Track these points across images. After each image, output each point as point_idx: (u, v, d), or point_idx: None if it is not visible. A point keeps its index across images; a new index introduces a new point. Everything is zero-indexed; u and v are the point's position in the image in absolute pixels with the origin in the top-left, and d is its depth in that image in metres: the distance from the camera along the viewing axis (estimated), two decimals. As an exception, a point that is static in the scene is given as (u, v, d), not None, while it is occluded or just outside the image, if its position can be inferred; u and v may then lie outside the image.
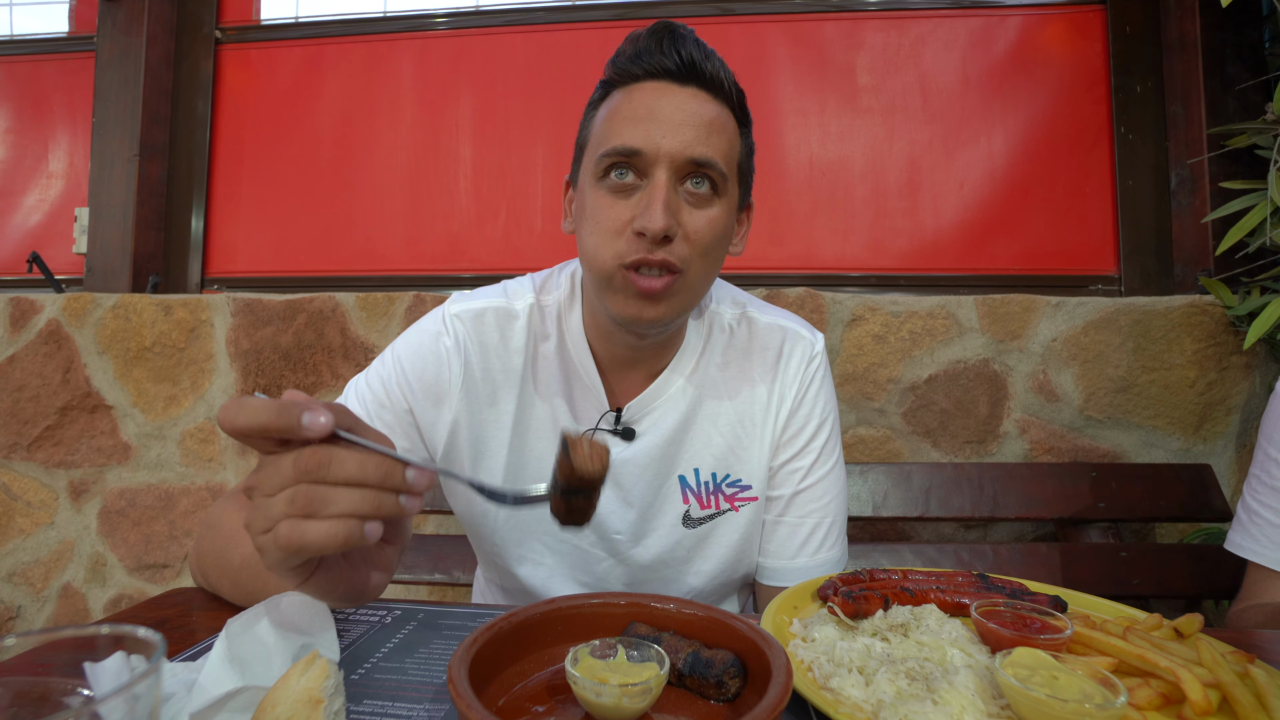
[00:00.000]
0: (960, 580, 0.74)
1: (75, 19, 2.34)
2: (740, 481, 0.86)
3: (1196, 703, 0.51)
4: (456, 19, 2.14)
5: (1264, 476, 0.97)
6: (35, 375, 1.89)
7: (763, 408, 0.86)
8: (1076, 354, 1.59)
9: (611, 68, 0.76)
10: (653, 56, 0.73)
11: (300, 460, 0.46)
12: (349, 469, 0.46)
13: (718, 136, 0.73)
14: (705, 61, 0.73)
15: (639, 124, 0.71)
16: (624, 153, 0.71)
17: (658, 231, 0.69)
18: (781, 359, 0.87)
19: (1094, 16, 1.89)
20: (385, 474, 0.47)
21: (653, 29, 0.75)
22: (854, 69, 1.96)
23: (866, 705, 0.52)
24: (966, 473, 1.46)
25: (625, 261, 0.72)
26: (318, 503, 0.45)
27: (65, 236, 2.23)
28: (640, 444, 0.84)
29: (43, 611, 1.89)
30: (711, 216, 0.74)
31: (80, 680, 0.36)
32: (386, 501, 0.47)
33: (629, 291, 0.73)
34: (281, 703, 0.45)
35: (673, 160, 0.71)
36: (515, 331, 0.85)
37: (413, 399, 0.83)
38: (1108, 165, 1.86)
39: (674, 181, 0.72)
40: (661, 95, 0.72)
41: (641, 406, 0.84)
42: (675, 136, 0.71)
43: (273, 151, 2.20)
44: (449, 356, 0.83)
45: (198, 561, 0.76)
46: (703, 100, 0.73)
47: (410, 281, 2.08)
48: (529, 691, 0.54)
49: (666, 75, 0.73)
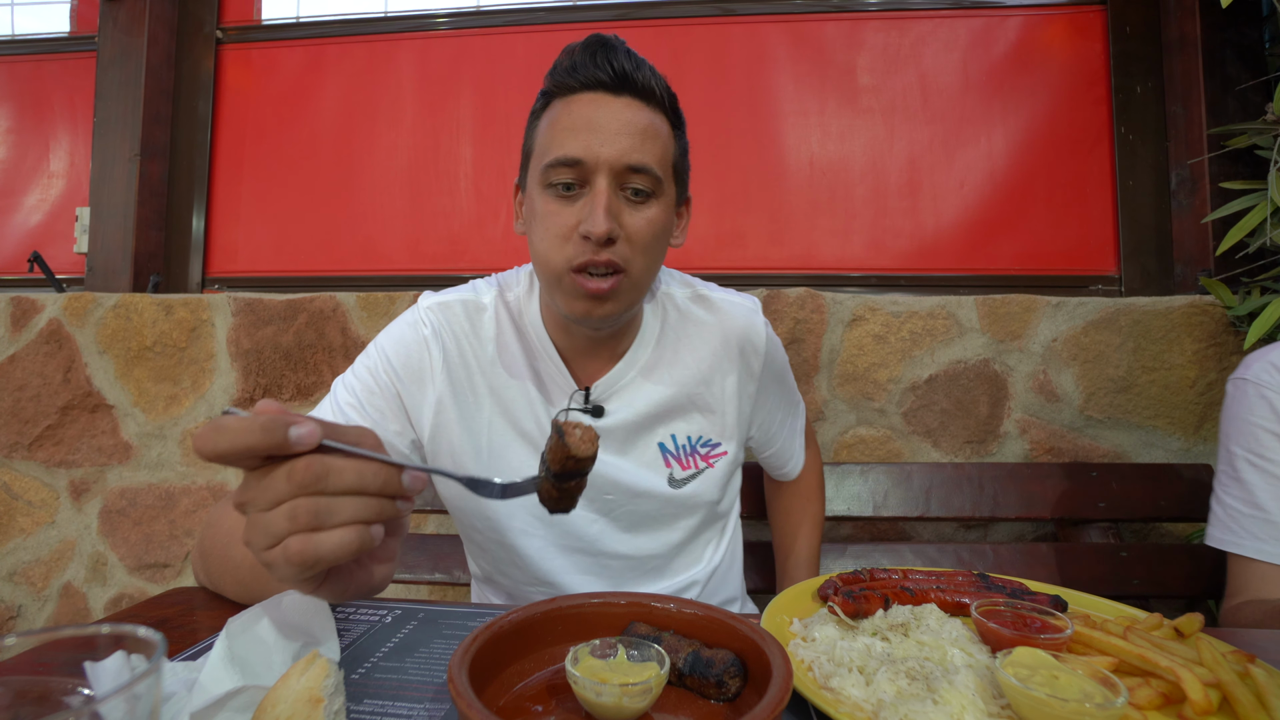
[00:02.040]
0: (960, 580, 0.74)
1: (76, 19, 2.34)
2: (712, 440, 0.96)
3: (1197, 702, 0.51)
4: (457, 19, 2.14)
5: (1228, 469, 1.01)
6: (36, 375, 1.89)
7: (723, 373, 0.95)
8: (1077, 354, 1.59)
9: (550, 80, 0.82)
10: (587, 69, 0.78)
11: (295, 474, 0.45)
12: (348, 479, 0.46)
13: (652, 142, 0.79)
14: (636, 72, 0.79)
15: (579, 134, 0.77)
16: (566, 162, 0.77)
17: (601, 235, 0.75)
18: (739, 330, 0.96)
19: (1094, 17, 1.89)
20: (384, 481, 0.48)
21: (586, 43, 0.80)
22: (854, 69, 1.96)
23: (867, 705, 0.52)
24: (966, 473, 1.46)
25: (573, 264, 0.78)
26: (322, 515, 0.45)
27: (66, 236, 2.23)
28: (613, 418, 0.91)
29: (43, 611, 1.89)
30: (650, 216, 0.81)
31: (80, 680, 0.36)
32: (387, 506, 0.48)
33: (578, 293, 0.79)
34: (281, 702, 0.45)
35: (611, 167, 0.77)
36: (484, 322, 0.92)
37: (400, 384, 0.88)
38: (1108, 165, 1.86)
39: (614, 186, 0.78)
40: (598, 106, 0.78)
41: (608, 386, 0.91)
42: (612, 145, 0.77)
43: (274, 151, 2.20)
44: (428, 343, 0.89)
45: (201, 561, 0.77)
46: (636, 109, 0.79)
47: (411, 281, 2.08)
48: (529, 691, 0.54)
49: (601, 86, 0.78)
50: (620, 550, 0.93)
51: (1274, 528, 0.94)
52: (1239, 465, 0.99)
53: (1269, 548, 0.94)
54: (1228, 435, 1.02)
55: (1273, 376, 0.99)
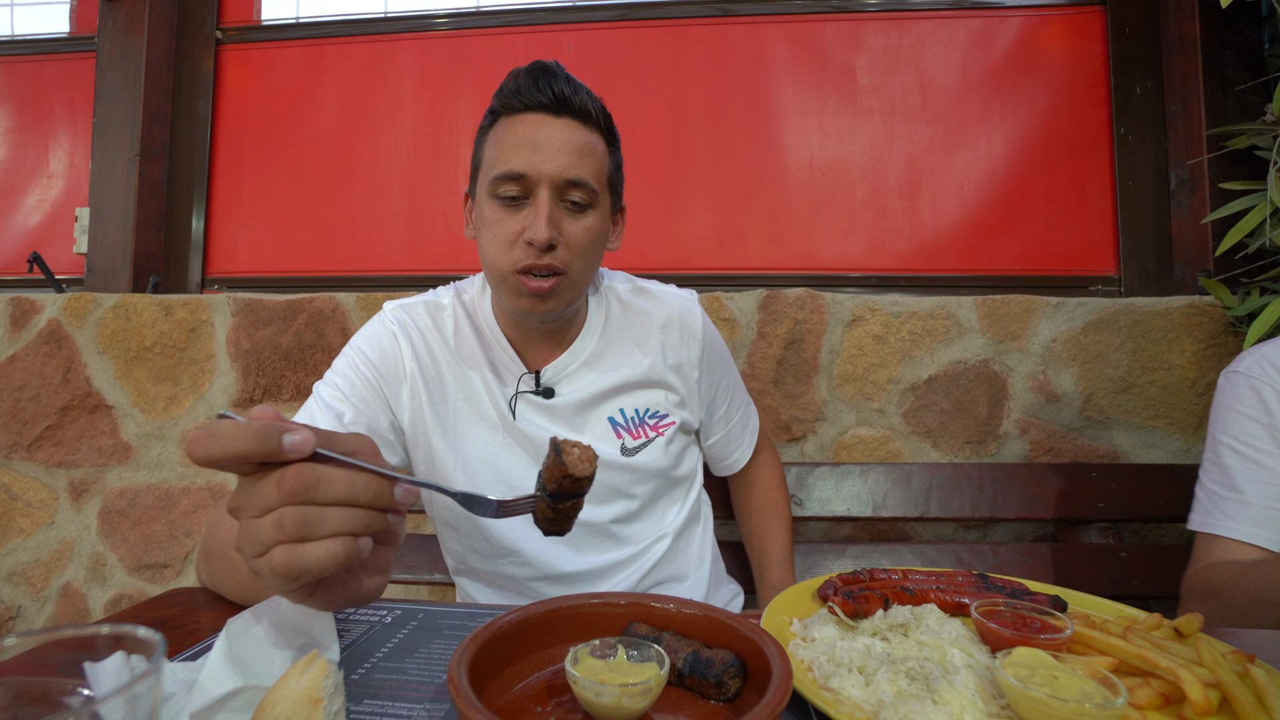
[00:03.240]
0: (960, 580, 0.74)
1: (76, 19, 2.34)
2: (659, 412, 1.05)
3: (1196, 703, 0.51)
4: (457, 19, 2.14)
5: (1212, 457, 1.05)
6: (35, 375, 1.89)
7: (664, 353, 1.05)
8: (1076, 354, 1.59)
9: (497, 100, 0.91)
10: (531, 93, 0.87)
11: (285, 482, 0.44)
12: (339, 490, 0.45)
13: (588, 159, 0.89)
14: (574, 96, 0.88)
15: (523, 151, 0.86)
16: (512, 176, 0.86)
17: (543, 242, 0.85)
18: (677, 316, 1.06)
19: (1094, 17, 1.89)
20: (375, 494, 0.47)
21: (530, 69, 0.89)
22: (854, 69, 1.96)
23: (866, 705, 0.52)
24: (966, 473, 1.46)
25: (518, 267, 0.87)
26: (309, 525, 0.44)
27: (66, 236, 2.23)
28: (563, 399, 0.99)
29: (43, 611, 1.89)
30: (587, 225, 0.91)
31: (80, 680, 0.36)
32: (376, 519, 0.48)
33: (522, 291, 0.89)
34: (281, 702, 0.45)
35: (552, 181, 0.86)
36: (445, 319, 1.01)
37: (379, 376, 0.96)
38: (1107, 166, 1.86)
39: (555, 198, 0.87)
40: (540, 126, 0.87)
41: (558, 371, 1.00)
42: (553, 161, 0.86)
43: (273, 152, 2.20)
44: (397, 337, 0.98)
45: (204, 562, 0.79)
46: (575, 129, 0.88)
47: (410, 282, 2.08)
48: (529, 691, 0.54)
49: (543, 109, 0.87)
50: (584, 518, 0.98)
51: (1248, 509, 0.98)
52: (1221, 451, 1.02)
53: (1240, 526, 0.97)
54: (1215, 425, 1.06)
55: (1264, 370, 1.02)
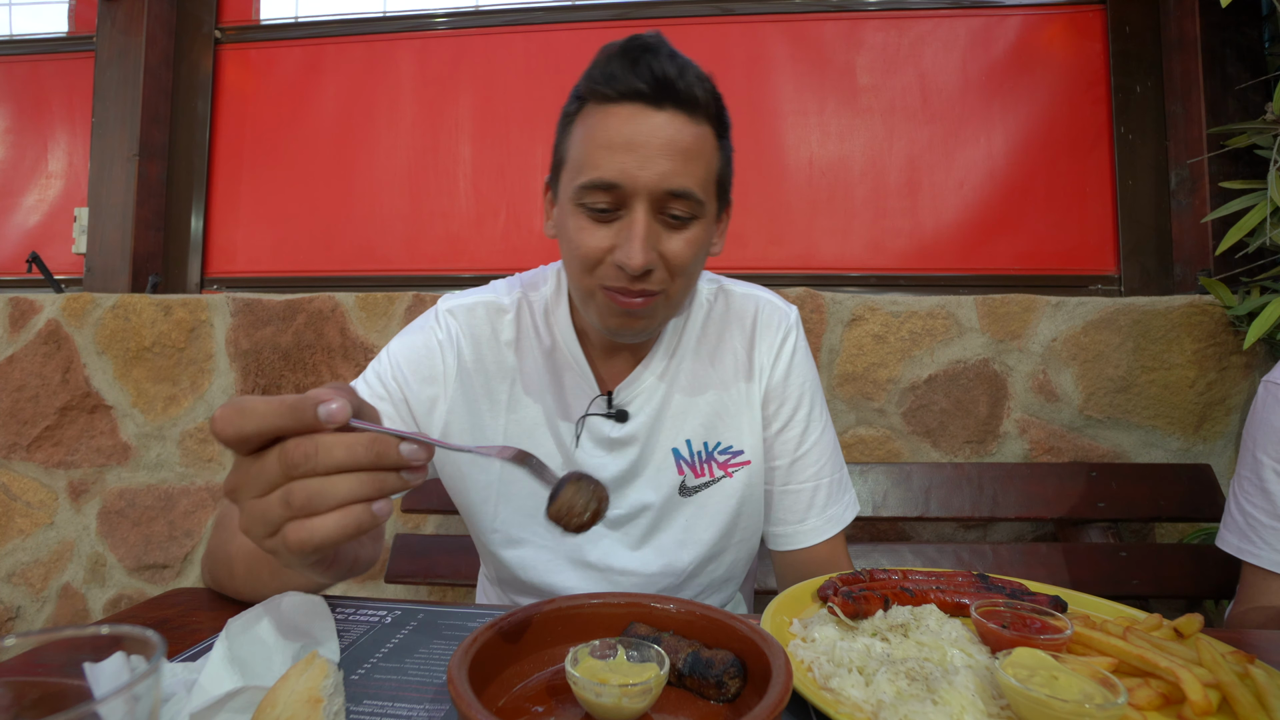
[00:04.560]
0: (960, 580, 0.74)
1: (74, 19, 2.34)
2: (731, 448, 0.88)
3: (1196, 703, 0.51)
4: (456, 19, 2.14)
5: (1252, 478, 0.96)
6: (35, 375, 1.89)
7: (745, 373, 0.89)
8: (1076, 354, 1.59)
9: (585, 83, 0.75)
10: (625, 78, 0.71)
11: (286, 454, 0.43)
12: (337, 455, 0.43)
13: (694, 162, 0.73)
14: (679, 79, 0.71)
15: (615, 155, 0.70)
16: (602, 185, 0.71)
17: (637, 269, 0.70)
18: (758, 326, 0.90)
19: (1094, 16, 1.89)
20: (377, 454, 0.44)
21: (625, 47, 0.73)
22: (854, 69, 1.96)
23: (866, 705, 0.52)
24: (966, 473, 1.46)
25: (605, 284, 0.74)
26: (316, 498, 0.43)
27: (65, 236, 2.23)
28: (635, 423, 0.86)
29: (42, 612, 1.89)
30: (689, 238, 0.75)
31: (80, 680, 0.36)
32: (388, 481, 0.45)
33: (611, 310, 0.75)
34: (281, 703, 0.45)
35: (651, 193, 0.71)
36: (505, 324, 0.87)
37: (408, 391, 0.85)
38: (1108, 165, 1.86)
39: (652, 213, 0.72)
40: (637, 121, 0.71)
41: (630, 388, 0.86)
42: (652, 168, 0.70)
43: (272, 151, 2.20)
44: (442, 349, 0.85)
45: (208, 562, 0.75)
46: (679, 123, 0.71)
47: (410, 281, 2.08)
48: (529, 691, 0.54)
49: (640, 98, 0.71)
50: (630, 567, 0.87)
51: None
52: (1265, 475, 0.94)
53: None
54: (1254, 440, 0.97)
55: None
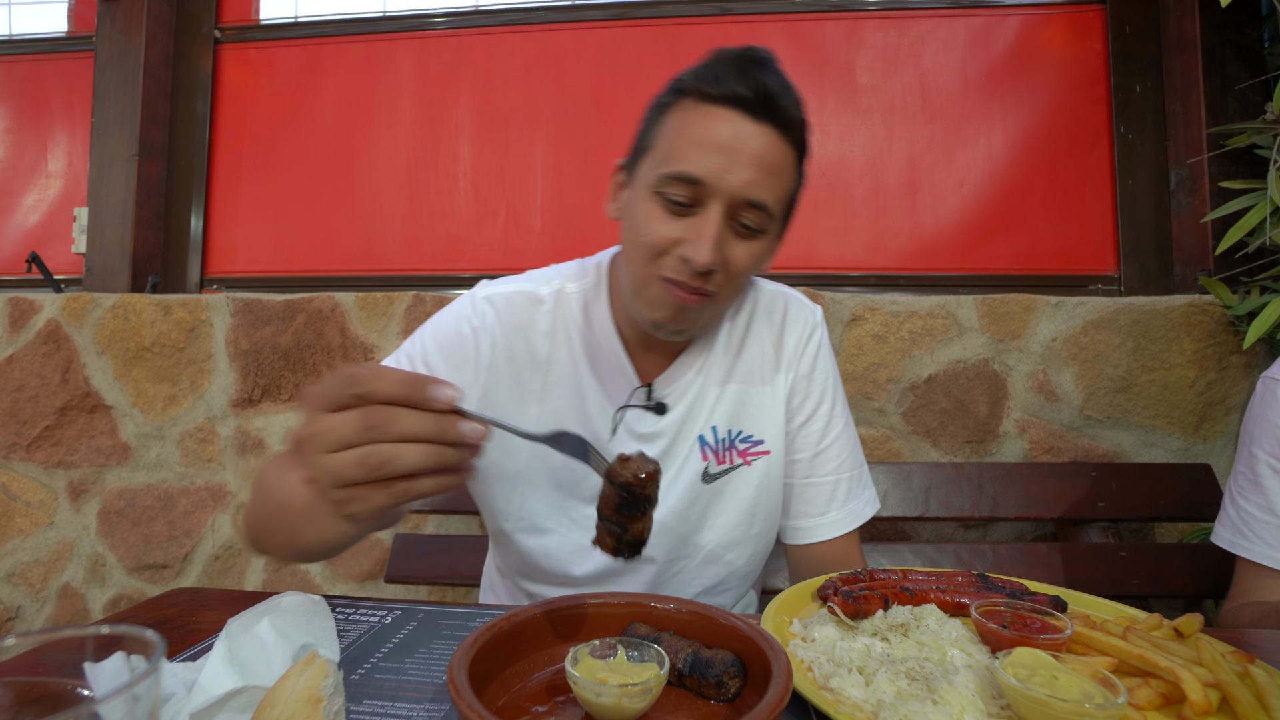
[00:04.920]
0: (960, 580, 0.74)
1: (74, 19, 2.34)
2: (752, 437, 0.90)
3: (1196, 703, 0.51)
4: (456, 18, 2.13)
5: (1247, 472, 0.97)
6: (34, 375, 1.89)
7: (772, 365, 0.92)
8: (1076, 354, 1.59)
9: (690, 78, 0.76)
10: (731, 83, 0.73)
11: (369, 416, 0.48)
12: (409, 424, 0.48)
13: (776, 179, 0.75)
14: (781, 97, 0.74)
15: (707, 153, 0.72)
16: (688, 179, 0.73)
17: (702, 266, 0.73)
18: (786, 321, 0.93)
19: (1093, 16, 1.89)
20: (442, 429, 0.49)
21: (738, 55, 0.75)
22: (853, 68, 1.96)
23: (866, 705, 0.52)
24: (966, 473, 1.46)
25: (664, 275, 0.76)
26: (390, 461, 0.48)
27: (64, 236, 2.23)
28: (672, 415, 0.88)
29: (42, 612, 1.89)
30: (752, 249, 0.78)
31: (80, 681, 0.36)
32: (448, 454, 0.50)
33: (663, 302, 0.77)
34: (281, 702, 0.45)
35: (731, 198, 0.73)
36: (541, 315, 0.88)
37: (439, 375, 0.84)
38: (1107, 165, 1.86)
39: (726, 217, 0.74)
40: (734, 127, 0.73)
41: (669, 381, 0.89)
42: (738, 175, 0.72)
43: (272, 151, 2.20)
44: (476, 336, 0.86)
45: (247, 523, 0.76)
46: (772, 140, 0.74)
47: (409, 281, 2.08)
48: (529, 691, 0.54)
49: (742, 106, 0.73)
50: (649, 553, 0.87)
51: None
52: (1260, 470, 0.94)
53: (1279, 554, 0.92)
54: (1250, 435, 0.97)
55: None
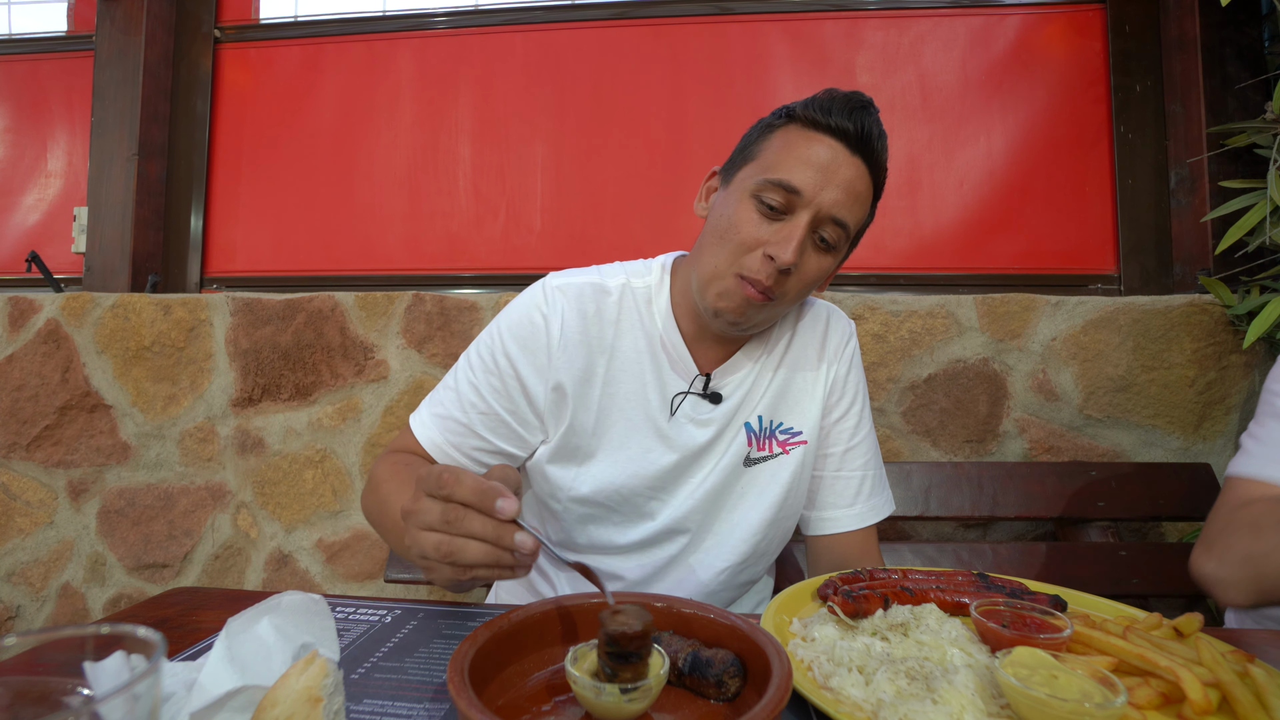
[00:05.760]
0: (960, 580, 0.74)
1: (74, 18, 2.34)
2: (792, 429, 0.99)
3: (1196, 702, 0.51)
4: (456, 18, 2.13)
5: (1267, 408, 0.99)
6: (34, 375, 1.89)
7: (815, 361, 1.01)
8: (1076, 353, 1.59)
9: (802, 107, 0.88)
10: (840, 117, 0.84)
11: (446, 512, 0.58)
12: (474, 526, 0.58)
13: (857, 205, 0.87)
14: (878, 140, 0.86)
15: (808, 169, 0.84)
16: (787, 187, 0.83)
17: (785, 263, 0.82)
18: (830, 324, 1.04)
19: (1093, 15, 1.89)
20: (498, 535, 0.57)
21: (850, 95, 0.87)
22: (853, 68, 1.95)
23: (866, 705, 0.52)
24: (966, 472, 1.46)
25: (742, 272, 0.85)
26: (455, 553, 0.58)
27: (64, 236, 2.23)
28: (725, 405, 0.96)
29: (42, 611, 1.89)
30: (823, 265, 0.88)
31: (80, 680, 0.36)
32: (505, 557, 0.58)
33: (733, 294, 0.86)
34: (281, 702, 0.45)
35: (820, 211, 0.84)
36: (608, 305, 0.95)
37: (518, 364, 0.93)
38: (1107, 164, 1.86)
39: (811, 227, 0.84)
40: (833, 154, 0.84)
41: (726, 373, 0.97)
42: (830, 193, 0.83)
43: (272, 150, 2.20)
44: (548, 323, 0.93)
45: (366, 508, 0.92)
46: (862, 172, 0.86)
47: (409, 281, 2.08)
48: (529, 691, 0.54)
49: (844, 138, 0.84)
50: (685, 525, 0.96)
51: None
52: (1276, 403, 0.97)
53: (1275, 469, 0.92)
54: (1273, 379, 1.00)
55: None
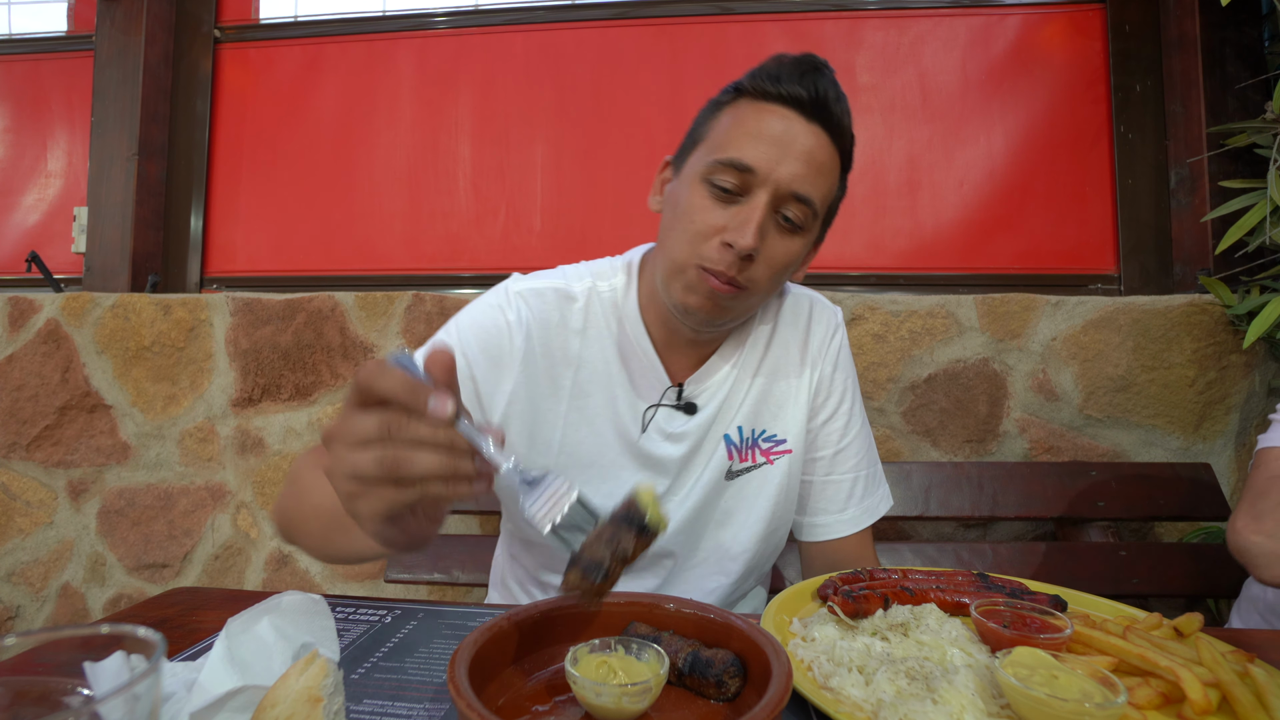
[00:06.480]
0: (960, 580, 0.74)
1: (74, 18, 2.34)
2: (775, 436, 0.92)
3: (1196, 702, 0.51)
4: (456, 18, 2.13)
5: None
6: (34, 375, 1.89)
7: (797, 364, 0.93)
8: (1076, 353, 1.59)
9: (749, 79, 0.79)
10: (790, 84, 0.76)
11: (388, 418, 0.48)
12: (423, 431, 0.48)
13: (821, 178, 0.78)
14: (835, 103, 0.77)
15: (759, 144, 0.75)
16: (738, 166, 0.75)
17: (745, 249, 0.74)
18: (812, 320, 0.95)
19: (1093, 15, 1.89)
20: (450, 439, 0.49)
21: (798, 59, 0.79)
22: (853, 68, 1.95)
23: (866, 705, 0.52)
24: (966, 472, 1.46)
25: (703, 263, 0.77)
26: (404, 463, 0.47)
27: (64, 236, 2.22)
28: (702, 414, 0.89)
29: (42, 611, 1.89)
30: (791, 247, 0.79)
31: (80, 680, 0.36)
32: (462, 465, 0.49)
33: (698, 287, 0.78)
34: (281, 701, 0.45)
35: (778, 188, 0.75)
36: (574, 312, 0.88)
37: (475, 368, 0.85)
38: (1107, 164, 1.86)
39: (771, 207, 0.76)
40: (788, 123, 0.76)
41: (700, 381, 0.90)
42: (787, 167, 0.75)
43: (272, 151, 2.19)
44: (511, 330, 0.85)
45: (280, 516, 0.77)
46: (821, 141, 0.77)
47: (409, 281, 2.08)
48: (529, 691, 0.54)
49: (797, 105, 0.76)
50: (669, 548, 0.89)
51: None
52: None
53: None
54: None
55: None
